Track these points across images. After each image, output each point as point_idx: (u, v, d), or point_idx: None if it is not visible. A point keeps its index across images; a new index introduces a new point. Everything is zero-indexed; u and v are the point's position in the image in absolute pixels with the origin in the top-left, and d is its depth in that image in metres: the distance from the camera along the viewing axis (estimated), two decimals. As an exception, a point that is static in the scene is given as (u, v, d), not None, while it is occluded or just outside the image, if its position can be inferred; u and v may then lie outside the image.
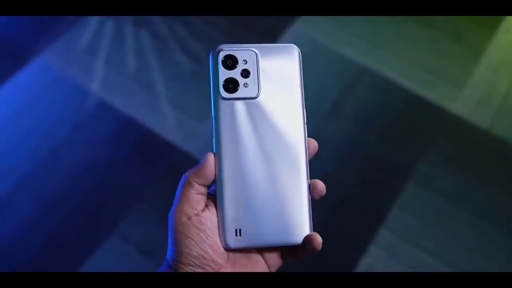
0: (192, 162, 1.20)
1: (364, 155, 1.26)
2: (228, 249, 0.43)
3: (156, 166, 1.22)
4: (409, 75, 1.38)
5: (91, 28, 1.44)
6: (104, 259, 1.10)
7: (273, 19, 1.45)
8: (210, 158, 0.44)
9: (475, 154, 1.27)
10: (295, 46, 0.47)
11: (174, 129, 1.27)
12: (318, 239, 0.44)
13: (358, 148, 1.27)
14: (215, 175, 0.44)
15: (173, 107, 1.31)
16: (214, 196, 0.45)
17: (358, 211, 1.18)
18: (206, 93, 0.57)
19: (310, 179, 0.46)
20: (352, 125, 1.30)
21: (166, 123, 1.28)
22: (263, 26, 1.45)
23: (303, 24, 1.46)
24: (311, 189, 0.45)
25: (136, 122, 1.28)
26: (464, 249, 1.13)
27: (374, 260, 1.11)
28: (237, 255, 0.44)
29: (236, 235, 0.43)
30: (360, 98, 1.34)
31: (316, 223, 0.46)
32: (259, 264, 0.45)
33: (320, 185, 0.45)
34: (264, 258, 0.46)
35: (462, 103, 1.34)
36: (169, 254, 0.43)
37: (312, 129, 1.26)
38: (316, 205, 0.46)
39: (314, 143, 0.46)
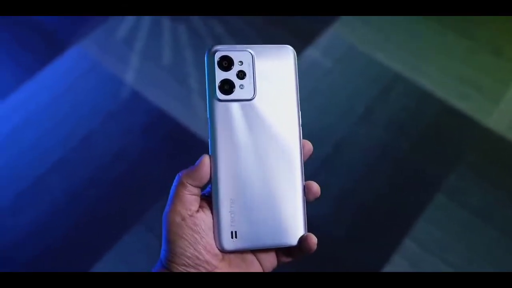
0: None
1: (393, 162, 1.25)
2: (223, 251, 0.43)
3: (184, 160, 1.23)
4: (445, 85, 1.36)
5: (130, 20, 1.45)
6: (128, 249, 1.12)
7: (310, 20, 1.44)
8: (205, 160, 0.44)
9: (508, 170, 1.24)
10: (291, 47, 0.46)
11: (205, 125, 1.28)
12: (313, 239, 0.44)
13: (388, 155, 1.26)
14: (210, 177, 0.44)
15: (205, 103, 1.31)
16: (209, 197, 0.45)
17: (383, 218, 1.17)
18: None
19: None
20: (384, 131, 1.29)
21: (197, 118, 1.29)
22: (299, 26, 1.44)
23: (340, 26, 1.45)
24: (306, 190, 0.45)
25: (168, 115, 1.30)
26: (489, 266, 1.11)
27: (396, 270, 1.10)
28: (232, 256, 0.45)
29: (232, 237, 0.43)
30: (393, 105, 1.33)
31: (340, 227, 0.46)
32: (253, 265, 0.45)
33: (315, 186, 0.45)
34: (258, 259, 0.46)
35: (497, 118, 1.31)
36: (162, 254, 0.43)
37: (343, 132, 1.26)
38: (341, 209, 0.46)
39: (309, 145, 0.46)
